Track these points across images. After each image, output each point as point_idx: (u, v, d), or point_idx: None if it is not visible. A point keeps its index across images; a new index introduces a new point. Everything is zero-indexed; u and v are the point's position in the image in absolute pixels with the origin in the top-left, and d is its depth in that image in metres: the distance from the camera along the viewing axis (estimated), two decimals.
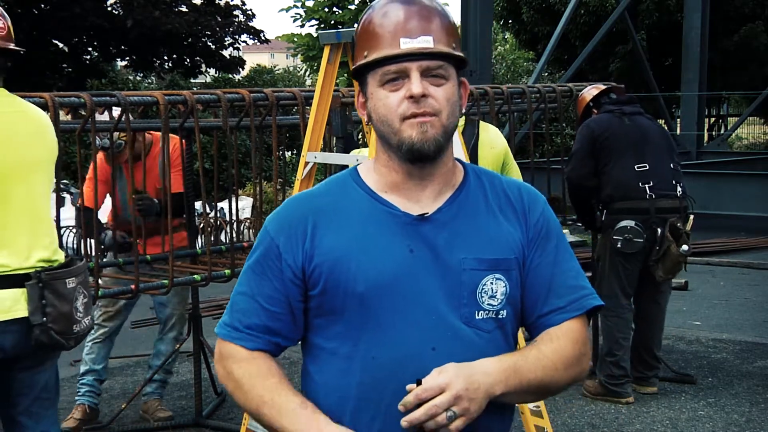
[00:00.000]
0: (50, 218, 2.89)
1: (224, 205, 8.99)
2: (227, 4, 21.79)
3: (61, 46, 20.58)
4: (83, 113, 3.96)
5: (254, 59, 35.35)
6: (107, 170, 4.43)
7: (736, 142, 26.29)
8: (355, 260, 1.63)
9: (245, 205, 9.28)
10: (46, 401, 2.86)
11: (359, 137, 4.57)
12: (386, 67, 1.63)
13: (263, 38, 22.57)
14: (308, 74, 27.32)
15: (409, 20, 1.63)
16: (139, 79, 22.25)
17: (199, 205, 5.77)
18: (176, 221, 4.41)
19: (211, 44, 21.58)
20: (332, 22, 22.07)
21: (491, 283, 1.66)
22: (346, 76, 18.13)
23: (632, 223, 4.82)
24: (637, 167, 4.90)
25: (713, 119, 25.09)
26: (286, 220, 1.71)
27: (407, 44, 1.62)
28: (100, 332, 4.70)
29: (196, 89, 10.72)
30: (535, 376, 1.63)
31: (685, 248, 4.80)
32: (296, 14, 23.36)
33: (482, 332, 1.66)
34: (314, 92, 3.54)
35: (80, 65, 20.77)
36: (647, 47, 18.54)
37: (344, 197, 1.71)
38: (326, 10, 22.78)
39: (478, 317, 1.65)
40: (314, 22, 23.06)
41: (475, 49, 12.11)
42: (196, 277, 4.23)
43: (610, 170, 4.93)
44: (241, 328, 1.69)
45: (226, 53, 22.13)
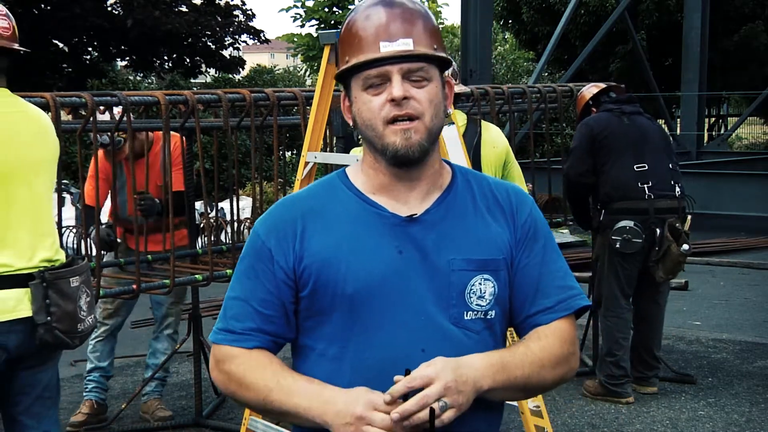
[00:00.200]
0: (52, 218, 2.89)
1: (225, 205, 8.99)
2: (227, 4, 21.77)
3: (61, 46, 20.57)
4: (83, 113, 3.96)
5: (254, 59, 35.34)
6: (108, 168, 4.44)
7: (736, 142, 26.28)
8: (344, 261, 1.64)
9: (246, 205, 9.27)
10: (47, 401, 2.86)
11: (359, 137, 4.56)
12: (367, 71, 1.64)
13: (263, 38, 22.55)
14: (308, 74, 27.31)
15: (389, 24, 1.64)
16: (139, 79, 22.23)
17: (199, 204, 5.77)
18: (177, 219, 4.42)
19: (211, 44, 21.56)
20: (332, 22, 22.06)
21: (480, 283, 1.67)
22: None
23: (631, 223, 4.82)
24: (636, 167, 4.91)
25: (713, 119, 25.07)
26: (275, 222, 1.71)
27: (387, 48, 1.62)
28: (102, 330, 4.74)
29: (196, 89, 10.72)
30: (522, 372, 1.63)
31: (685, 248, 4.81)
32: (296, 14, 23.38)
33: (471, 333, 1.66)
34: (314, 92, 3.54)
35: (80, 65, 20.75)
36: (647, 47, 18.53)
37: (333, 199, 1.72)
38: (326, 10, 22.79)
39: (466, 318, 1.66)
40: (314, 22, 23.06)
41: (475, 49, 12.10)
42: (197, 276, 4.24)
43: (608, 169, 4.93)
44: (237, 330, 1.68)
45: (226, 53, 22.11)
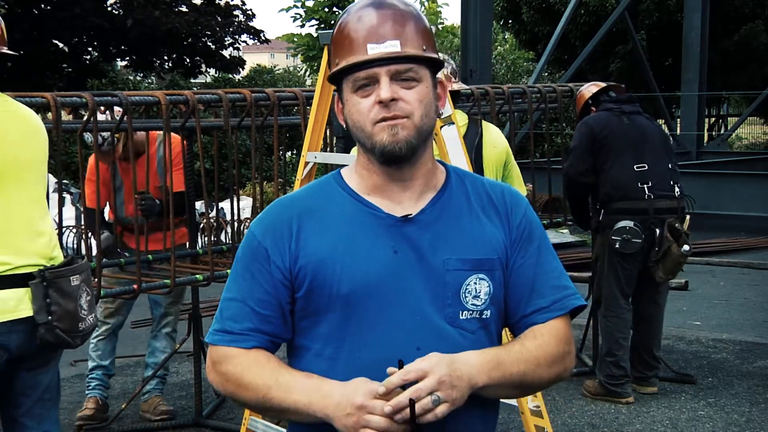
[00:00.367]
0: (48, 217, 2.87)
1: (225, 205, 8.99)
2: (227, 4, 21.77)
3: (61, 46, 20.56)
4: (84, 113, 3.96)
5: (254, 59, 35.33)
6: (103, 169, 4.45)
7: (736, 142, 26.28)
8: (339, 262, 1.64)
9: (246, 204, 9.28)
10: (48, 402, 2.85)
11: None
12: (356, 73, 1.65)
13: (263, 38, 22.55)
14: (308, 74, 27.31)
15: (379, 26, 1.65)
16: (139, 79, 22.22)
17: (200, 205, 5.77)
18: (176, 218, 4.41)
19: (211, 44, 21.56)
20: (332, 22, 22.05)
21: (475, 283, 1.67)
22: None
23: (631, 223, 4.82)
24: (636, 167, 4.90)
25: (713, 119, 25.07)
26: (271, 223, 1.71)
27: (374, 50, 1.63)
28: (103, 329, 4.75)
29: (196, 89, 10.72)
30: (518, 369, 1.64)
31: (686, 248, 4.81)
32: (296, 14, 23.38)
33: (466, 332, 1.67)
34: (314, 92, 3.54)
35: (80, 65, 20.75)
36: (647, 47, 18.53)
37: (328, 199, 1.72)
38: (326, 10, 22.79)
39: (462, 317, 1.66)
40: (314, 22, 23.07)
41: (475, 49, 12.10)
42: (198, 276, 4.24)
43: (608, 169, 4.93)
44: (235, 331, 1.68)
45: (226, 53, 22.11)
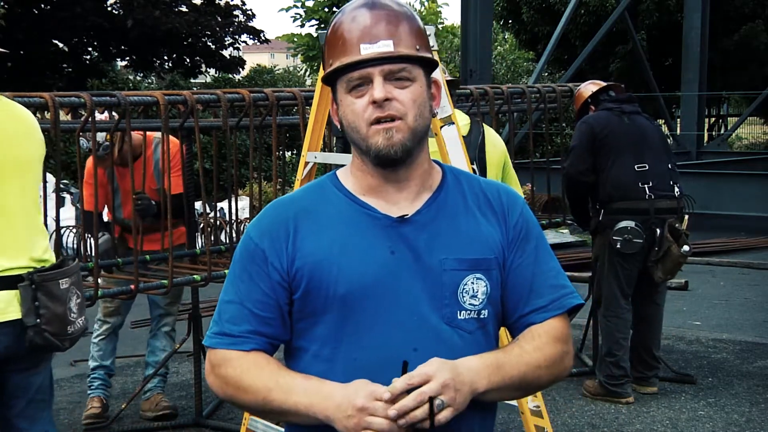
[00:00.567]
0: (41, 218, 2.84)
1: (224, 205, 8.98)
2: (227, 4, 21.78)
3: (61, 46, 20.57)
4: (83, 113, 3.95)
5: (254, 59, 35.34)
6: (99, 173, 4.44)
7: (736, 142, 26.28)
8: (336, 263, 1.64)
9: (245, 205, 9.27)
10: (41, 403, 2.82)
11: None
12: (350, 74, 1.64)
13: (263, 38, 22.56)
14: (308, 74, 27.32)
15: (372, 26, 1.65)
16: (139, 79, 22.23)
17: (199, 205, 5.76)
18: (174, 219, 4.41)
19: (211, 44, 21.57)
20: None
21: (472, 282, 1.67)
22: None
23: (632, 223, 4.82)
24: (637, 167, 4.90)
25: (713, 119, 25.07)
26: (267, 224, 1.71)
27: (367, 50, 1.63)
28: (104, 328, 4.75)
29: (196, 89, 10.71)
30: (517, 372, 1.64)
31: (686, 249, 4.80)
32: (296, 14, 23.40)
33: (464, 333, 1.67)
34: (314, 92, 3.54)
35: (80, 65, 20.76)
36: (647, 47, 18.52)
37: (324, 201, 1.72)
38: (326, 10, 22.79)
39: (460, 317, 1.66)
40: (314, 22, 23.08)
41: (475, 49, 12.09)
42: (195, 277, 4.24)
43: (609, 169, 4.92)
44: (234, 333, 1.67)
45: (226, 53, 22.12)
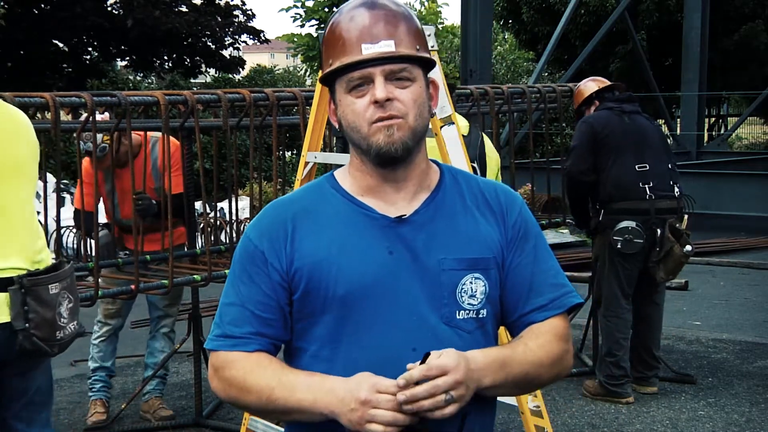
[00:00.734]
0: (36, 219, 2.80)
1: (224, 205, 8.98)
2: (227, 4, 21.78)
3: (61, 46, 20.58)
4: (83, 113, 3.95)
5: (254, 59, 35.33)
6: (93, 175, 4.43)
7: (736, 142, 26.28)
8: (335, 263, 1.64)
9: (245, 205, 9.29)
10: (38, 405, 2.79)
11: None
12: (350, 74, 1.64)
13: (263, 38, 22.57)
14: (308, 74, 27.28)
15: (371, 26, 1.64)
16: (139, 79, 22.24)
17: (199, 205, 5.76)
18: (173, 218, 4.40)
19: (211, 44, 21.58)
20: None
21: (470, 282, 1.67)
22: None
23: (633, 224, 4.81)
24: (637, 167, 4.89)
25: (713, 119, 25.08)
26: (266, 225, 1.71)
27: (369, 50, 1.63)
28: (104, 330, 4.75)
29: (196, 89, 10.71)
30: (520, 370, 1.64)
31: (688, 248, 4.80)
32: (296, 14, 23.34)
33: (463, 332, 1.66)
34: (314, 92, 3.54)
35: (80, 65, 20.77)
36: (647, 47, 18.53)
37: (322, 201, 1.72)
38: (326, 10, 22.76)
39: (459, 317, 1.66)
40: (314, 22, 23.03)
41: (475, 49, 12.09)
42: (196, 277, 4.24)
43: (609, 169, 4.92)
44: (236, 335, 1.66)
45: (226, 53, 22.13)
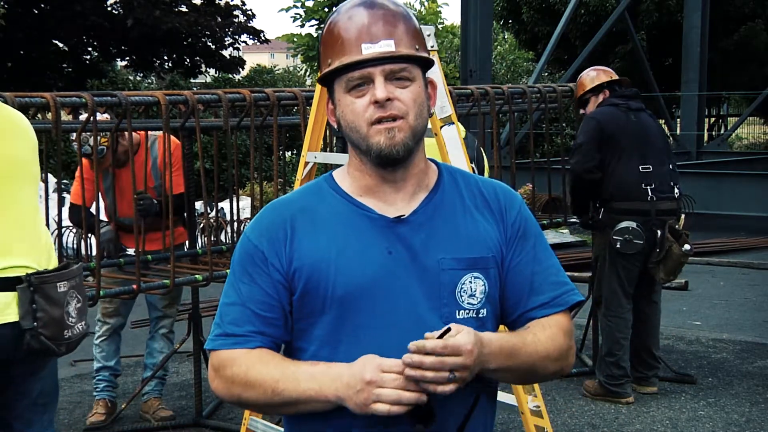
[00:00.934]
0: (40, 218, 2.79)
1: (225, 205, 8.99)
2: (227, 4, 21.76)
3: (61, 46, 20.56)
4: (83, 113, 3.95)
5: (254, 59, 35.32)
6: (92, 175, 4.44)
7: (736, 142, 26.27)
8: (334, 264, 1.64)
9: (246, 204, 9.31)
10: (41, 407, 2.78)
11: None
12: (350, 73, 1.64)
13: (263, 38, 22.54)
14: (308, 74, 27.28)
15: (370, 25, 1.64)
16: (139, 79, 22.22)
17: (199, 205, 5.77)
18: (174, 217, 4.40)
19: (211, 44, 21.55)
20: None
21: (470, 281, 1.67)
22: None
23: (633, 224, 4.81)
24: (641, 168, 4.87)
25: (713, 119, 25.08)
26: (265, 225, 1.71)
27: (369, 49, 1.62)
28: (104, 329, 4.74)
29: (196, 89, 10.72)
30: (528, 359, 1.65)
31: (687, 248, 4.80)
32: (296, 14, 23.35)
33: None
34: (314, 92, 3.54)
35: (80, 65, 20.75)
36: (647, 47, 18.54)
37: (320, 202, 1.72)
38: (326, 10, 22.76)
39: (458, 317, 1.66)
40: (314, 22, 23.04)
41: (475, 49, 12.09)
42: (197, 277, 4.24)
43: (614, 168, 4.90)
44: (237, 333, 1.66)
45: (226, 53, 22.10)
